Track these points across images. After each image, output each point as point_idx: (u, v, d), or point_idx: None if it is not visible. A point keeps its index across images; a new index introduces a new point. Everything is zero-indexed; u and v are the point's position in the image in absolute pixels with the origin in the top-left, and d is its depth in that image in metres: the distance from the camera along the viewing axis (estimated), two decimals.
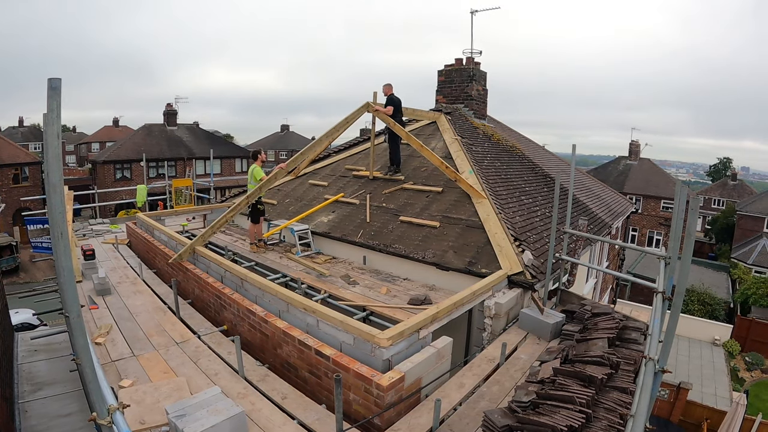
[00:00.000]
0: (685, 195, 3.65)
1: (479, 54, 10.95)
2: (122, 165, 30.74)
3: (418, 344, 4.15)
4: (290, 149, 55.19)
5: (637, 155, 37.88)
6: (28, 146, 45.11)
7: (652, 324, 3.46)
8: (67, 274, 2.09)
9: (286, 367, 4.37)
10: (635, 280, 6.61)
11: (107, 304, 5.88)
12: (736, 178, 48.32)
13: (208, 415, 3.11)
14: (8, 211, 27.51)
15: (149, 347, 4.72)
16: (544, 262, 5.90)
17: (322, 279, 6.35)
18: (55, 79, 1.96)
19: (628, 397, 3.55)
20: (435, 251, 6.34)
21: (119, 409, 2.16)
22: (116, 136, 49.27)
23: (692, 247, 3.00)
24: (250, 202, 6.93)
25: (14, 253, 25.15)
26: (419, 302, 5.34)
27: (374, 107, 7.84)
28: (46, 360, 4.75)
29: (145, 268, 7.33)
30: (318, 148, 7.66)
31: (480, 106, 11.38)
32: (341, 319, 4.15)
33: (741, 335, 19.72)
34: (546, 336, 5.02)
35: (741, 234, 33.18)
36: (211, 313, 5.64)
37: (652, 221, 34.19)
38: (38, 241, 9.74)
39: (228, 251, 7.62)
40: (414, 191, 7.97)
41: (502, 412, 3.40)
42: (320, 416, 3.63)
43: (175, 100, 34.93)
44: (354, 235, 7.41)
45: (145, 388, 3.85)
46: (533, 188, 9.07)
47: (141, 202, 13.32)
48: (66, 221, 2.17)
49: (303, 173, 10.43)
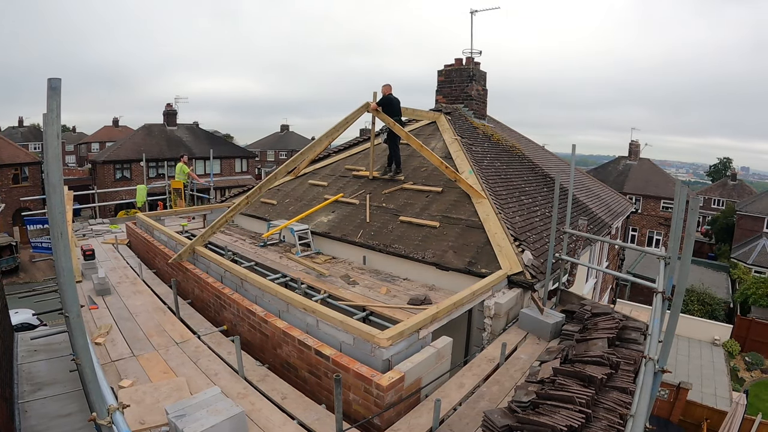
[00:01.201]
0: (685, 195, 3.65)
1: (479, 54, 10.95)
2: (122, 165, 30.77)
3: (418, 344, 4.15)
4: (290, 149, 55.22)
5: (637, 155, 37.90)
6: (28, 146, 45.14)
7: (652, 324, 3.46)
8: (66, 274, 2.09)
9: (286, 367, 4.37)
10: (635, 280, 6.60)
11: (107, 304, 5.87)
12: (735, 178, 48.42)
13: (208, 415, 3.11)
14: (8, 211, 27.52)
15: (149, 347, 4.72)
16: (543, 262, 5.91)
17: (322, 279, 6.35)
18: (55, 79, 1.96)
19: (628, 397, 3.55)
20: (435, 251, 6.34)
21: (119, 409, 2.16)
22: (116, 136, 49.29)
23: (692, 247, 3.01)
24: (250, 201, 6.93)
25: (14, 253, 25.16)
26: (419, 302, 5.34)
27: (374, 107, 7.84)
28: (46, 360, 4.75)
29: (144, 268, 7.33)
30: (318, 148, 7.66)
31: (480, 106, 11.37)
32: (341, 319, 4.15)
33: (741, 335, 19.74)
34: (546, 336, 5.02)
35: (741, 234, 33.22)
36: (211, 313, 5.64)
37: (651, 221, 34.20)
38: (38, 241, 9.73)
39: (228, 251, 7.62)
40: (414, 191, 7.97)
41: (502, 412, 3.40)
42: (320, 416, 3.63)
43: (174, 100, 34.95)
44: (354, 235, 7.42)
45: (145, 388, 3.85)
46: (533, 188, 9.07)
47: (141, 203, 13.30)
48: (66, 221, 2.17)
49: (303, 173, 10.43)
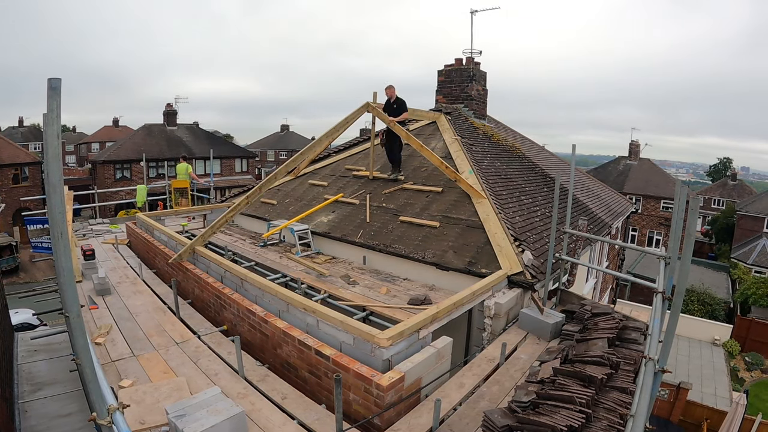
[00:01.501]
0: (685, 195, 3.65)
1: (479, 54, 10.95)
2: (122, 165, 30.77)
3: (418, 344, 4.15)
4: (290, 149, 55.22)
5: (637, 155, 37.91)
6: (28, 146, 45.14)
7: (652, 324, 3.46)
8: (66, 274, 2.08)
9: (286, 367, 4.37)
10: (635, 280, 6.60)
11: (107, 304, 5.87)
12: (735, 178, 48.42)
13: (208, 415, 3.11)
14: (8, 211, 27.52)
15: (149, 347, 4.72)
16: (544, 262, 5.90)
17: (322, 279, 6.35)
18: (55, 80, 1.96)
19: (628, 397, 3.55)
20: (435, 251, 6.34)
21: (119, 409, 2.16)
22: (116, 136, 49.30)
23: (692, 247, 3.01)
24: (250, 201, 6.93)
25: (14, 253, 25.17)
26: (419, 302, 5.34)
27: (374, 107, 7.83)
28: (46, 360, 4.75)
29: (145, 268, 7.33)
30: (318, 148, 7.65)
31: (480, 106, 11.37)
32: (341, 319, 4.15)
33: (741, 335, 19.74)
34: (546, 336, 5.02)
35: (741, 234, 33.22)
36: (211, 313, 5.64)
37: (652, 221, 34.21)
38: (38, 241, 9.73)
39: (228, 251, 7.62)
40: (414, 191, 7.97)
41: (502, 412, 3.40)
42: (320, 416, 3.63)
43: (174, 100, 34.96)
44: (354, 235, 7.41)
45: (145, 388, 3.85)
46: (533, 188, 9.06)
47: (141, 202, 13.30)
48: (66, 221, 2.17)
49: (303, 173, 10.43)
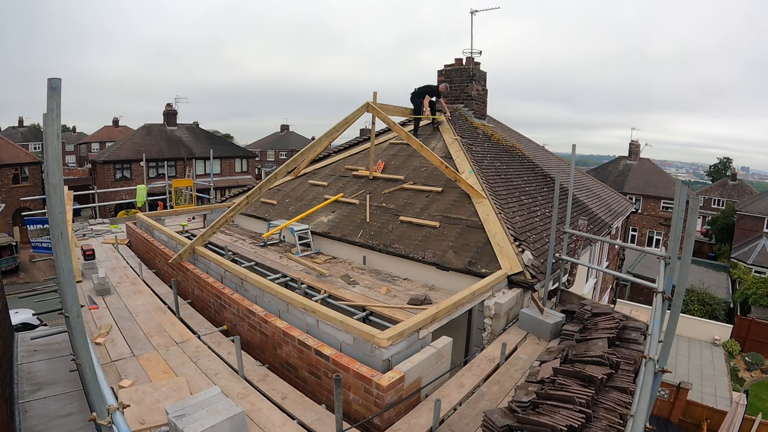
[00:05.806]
0: (685, 195, 3.65)
1: (479, 54, 10.95)
2: (122, 165, 30.74)
3: (417, 344, 4.15)
4: (290, 149, 55.22)
5: (637, 155, 37.89)
6: (28, 146, 45.18)
7: (652, 324, 3.46)
8: (66, 274, 2.09)
9: (286, 367, 4.37)
10: (635, 280, 6.60)
11: (107, 304, 5.88)
12: (736, 178, 48.40)
13: (208, 415, 3.11)
14: (8, 211, 27.53)
15: (149, 347, 4.72)
16: (544, 262, 5.90)
17: (322, 279, 6.35)
18: (55, 79, 1.96)
19: (628, 397, 3.55)
20: (435, 251, 6.34)
21: (119, 409, 2.16)
22: (116, 136, 49.28)
23: (692, 247, 3.00)
24: (250, 201, 6.93)
25: (14, 253, 25.13)
26: (419, 302, 5.34)
27: (374, 107, 7.83)
28: (46, 360, 4.75)
29: (144, 268, 7.33)
30: (318, 148, 7.65)
31: (480, 106, 11.37)
32: (341, 319, 4.15)
33: (741, 335, 19.73)
34: (546, 336, 5.02)
35: (741, 234, 33.21)
36: (211, 313, 5.64)
37: (652, 221, 34.20)
38: (38, 241, 9.74)
39: (228, 251, 7.62)
40: (414, 191, 7.97)
41: (502, 412, 3.40)
42: (320, 416, 3.63)
43: (174, 99, 34.94)
44: (354, 235, 7.41)
45: (145, 388, 3.85)
46: (533, 188, 9.06)
47: (141, 202, 13.32)
48: (66, 221, 2.17)
49: (303, 173, 10.43)
